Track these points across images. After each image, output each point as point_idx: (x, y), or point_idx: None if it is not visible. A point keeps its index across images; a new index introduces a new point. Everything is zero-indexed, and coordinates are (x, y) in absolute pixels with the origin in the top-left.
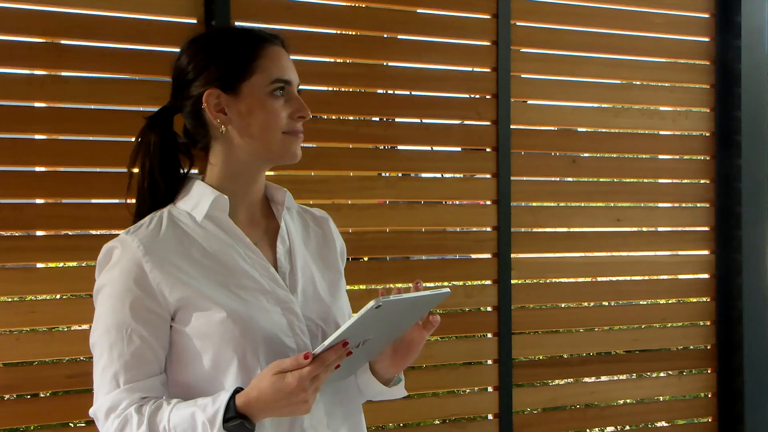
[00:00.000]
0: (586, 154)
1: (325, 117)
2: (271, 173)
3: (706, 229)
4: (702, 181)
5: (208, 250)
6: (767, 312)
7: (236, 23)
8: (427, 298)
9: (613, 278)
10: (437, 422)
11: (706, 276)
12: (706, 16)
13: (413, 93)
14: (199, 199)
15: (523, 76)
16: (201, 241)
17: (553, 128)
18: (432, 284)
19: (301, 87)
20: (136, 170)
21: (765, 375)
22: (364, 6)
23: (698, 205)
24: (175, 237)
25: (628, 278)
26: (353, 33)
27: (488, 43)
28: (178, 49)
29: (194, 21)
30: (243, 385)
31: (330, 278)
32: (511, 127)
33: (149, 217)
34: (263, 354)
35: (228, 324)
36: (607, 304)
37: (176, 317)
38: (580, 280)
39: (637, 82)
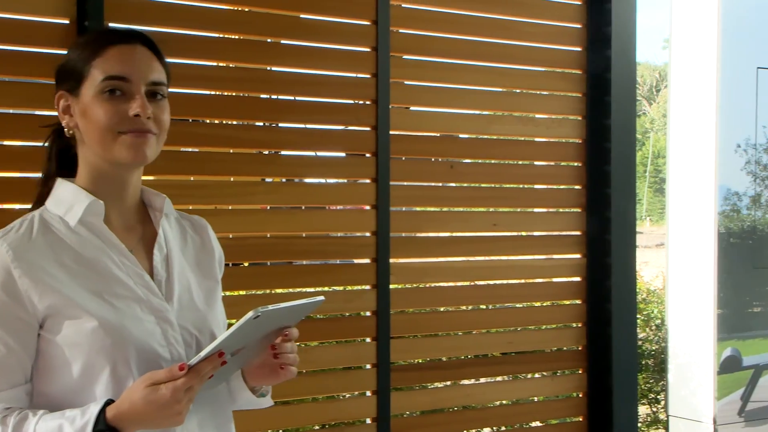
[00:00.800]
0: (464, 160)
1: (207, 121)
2: (150, 177)
3: (578, 233)
4: (575, 187)
5: (81, 256)
6: (634, 313)
7: (110, 24)
8: (302, 306)
9: (491, 282)
10: (317, 427)
11: (578, 279)
12: (578, 26)
13: (297, 98)
14: (72, 204)
15: (404, 82)
16: (74, 247)
17: (432, 134)
18: (312, 289)
19: (181, 90)
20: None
21: (632, 374)
22: (246, 10)
23: (571, 210)
24: (47, 242)
25: (504, 282)
26: (236, 37)
27: (368, 50)
28: (50, 50)
29: (67, 21)
30: (114, 396)
31: (207, 287)
32: (391, 132)
33: (19, 221)
34: (135, 364)
35: (99, 333)
36: (484, 307)
37: (45, 325)
38: (458, 284)
39: (514, 90)
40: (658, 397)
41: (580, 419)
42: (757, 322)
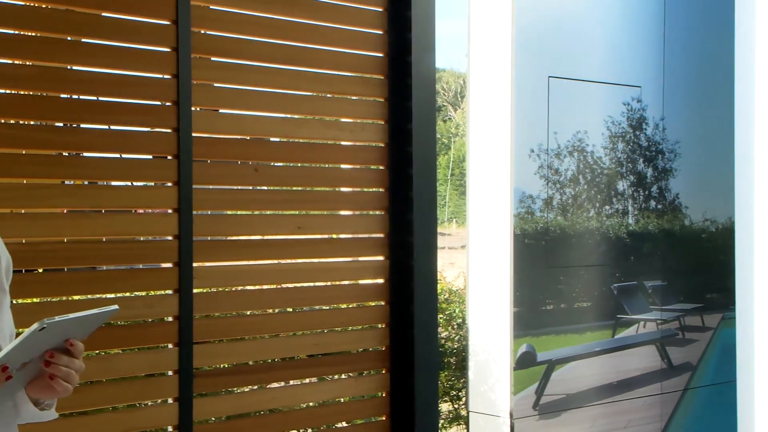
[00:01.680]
0: (270, 163)
1: (2, 121)
2: None
3: (382, 235)
4: (378, 190)
5: None
6: (435, 314)
7: None
8: (94, 316)
9: (297, 285)
10: None
11: (381, 281)
12: (380, 32)
13: (100, 98)
14: None
15: (213, 84)
16: None
17: (237, 137)
18: (113, 295)
19: None
20: None
21: (434, 374)
22: (45, 7)
23: (375, 212)
24: None
25: (311, 284)
26: (34, 34)
27: (168, 50)
28: None
29: None
30: None
31: None
32: (194, 135)
33: None
34: None
35: None
36: (291, 310)
37: None
38: (264, 287)
39: (319, 94)
40: (460, 393)
41: (383, 418)
42: (550, 320)
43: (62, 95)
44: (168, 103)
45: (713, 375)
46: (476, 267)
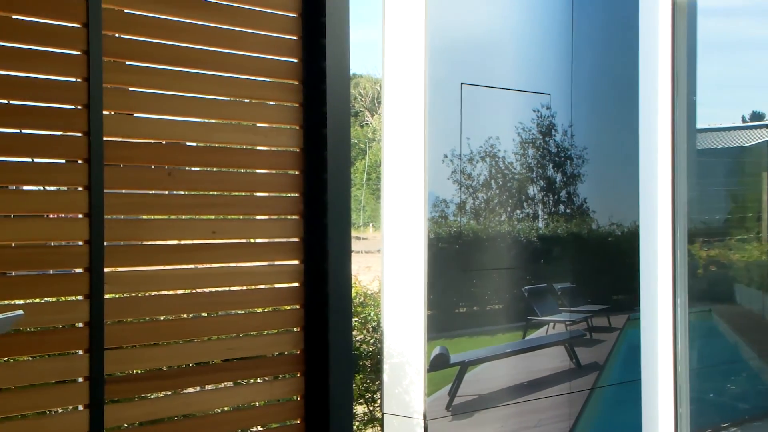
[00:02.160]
0: (184, 168)
1: None
2: None
3: (297, 240)
4: (293, 195)
5: None
6: (350, 318)
7: None
8: None
9: (212, 289)
10: None
11: (296, 285)
12: (295, 38)
13: (11, 102)
14: None
15: (128, 88)
16: None
17: (151, 141)
18: (22, 301)
19: None
20: None
21: (348, 377)
22: None
23: (290, 217)
24: None
25: (226, 289)
26: None
27: (79, 53)
28: None
29: None
30: None
31: None
32: (105, 139)
33: None
34: None
35: None
36: (206, 315)
37: None
38: (179, 292)
39: (234, 99)
40: (375, 396)
41: (298, 422)
42: (464, 322)
43: None
44: (79, 107)
45: (619, 374)
46: (391, 271)
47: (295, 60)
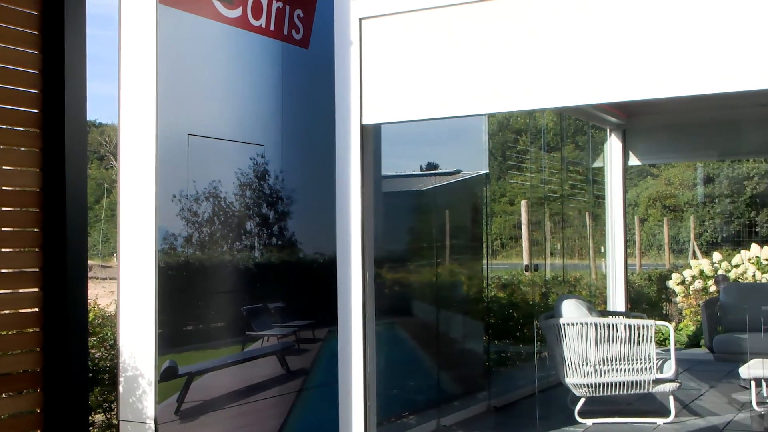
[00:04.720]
0: None
1: None
2: None
3: (37, 270)
4: (34, 230)
5: None
6: (85, 338)
7: None
8: None
9: None
10: None
11: (36, 310)
12: (36, 92)
13: None
14: None
15: None
16: None
17: None
18: None
19: None
20: None
21: (82, 390)
22: None
23: (31, 249)
24: None
25: None
26: None
27: None
28: None
29: None
30: None
31: None
32: None
33: None
34: None
35: None
36: None
37: None
38: None
39: None
40: (112, 405)
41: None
42: (191, 338)
43: None
44: None
45: (323, 377)
46: (126, 295)
47: (36, 111)
